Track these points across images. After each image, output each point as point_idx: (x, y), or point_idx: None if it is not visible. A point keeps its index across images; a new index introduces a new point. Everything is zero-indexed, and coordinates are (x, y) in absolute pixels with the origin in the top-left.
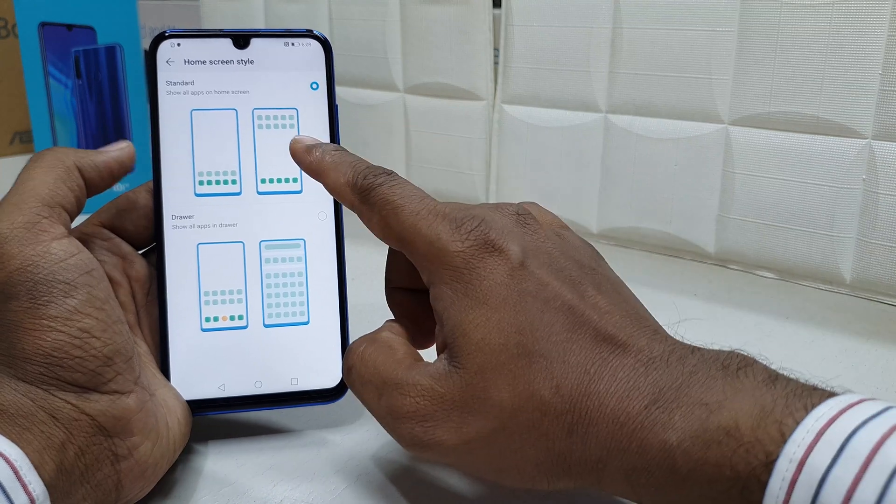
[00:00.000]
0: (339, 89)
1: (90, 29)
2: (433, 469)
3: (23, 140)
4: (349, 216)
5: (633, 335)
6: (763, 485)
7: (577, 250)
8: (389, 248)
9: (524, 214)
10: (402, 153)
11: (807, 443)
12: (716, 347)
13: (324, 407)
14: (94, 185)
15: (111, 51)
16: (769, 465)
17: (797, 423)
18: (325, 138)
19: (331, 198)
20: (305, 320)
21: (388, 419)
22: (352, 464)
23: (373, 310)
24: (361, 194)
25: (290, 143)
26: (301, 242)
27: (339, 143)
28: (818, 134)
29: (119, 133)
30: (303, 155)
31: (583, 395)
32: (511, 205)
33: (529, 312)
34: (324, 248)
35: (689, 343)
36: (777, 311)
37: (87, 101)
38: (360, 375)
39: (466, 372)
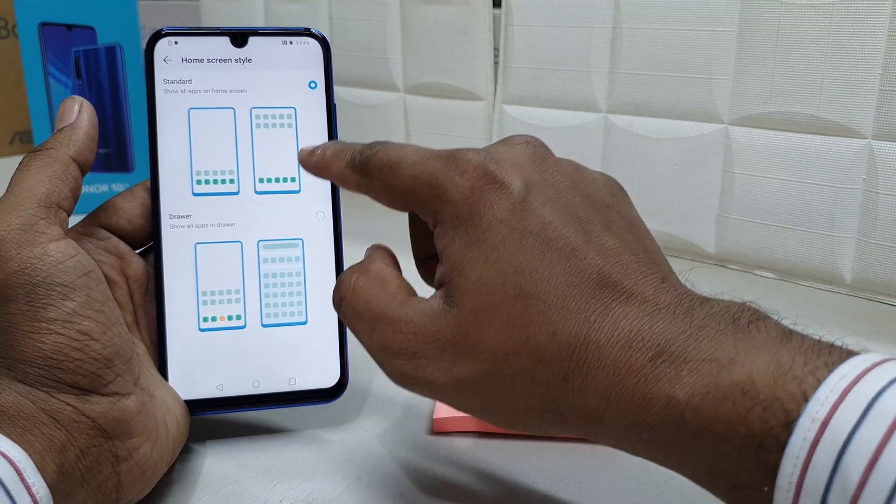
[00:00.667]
0: (339, 89)
1: (90, 29)
2: (433, 469)
3: (23, 140)
4: (348, 216)
5: (639, 282)
6: (782, 445)
7: (592, 183)
8: (409, 222)
9: (535, 144)
10: None
11: (830, 402)
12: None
13: (323, 406)
14: (88, 164)
15: (111, 51)
16: (789, 424)
17: (819, 382)
18: (324, 137)
19: (329, 197)
20: (303, 320)
21: (380, 354)
22: (351, 464)
23: None
24: (361, 169)
25: (298, 155)
26: (299, 242)
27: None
28: (818, 134)
29: (119, 133)
30: (307, 158)
31: (581, 344)
32: (522, 136)
33: (529, 253)
34: (322, 248)
35: (698, 293)
36: (777, 312)
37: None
38: (353, 308)
39: (461, 311)
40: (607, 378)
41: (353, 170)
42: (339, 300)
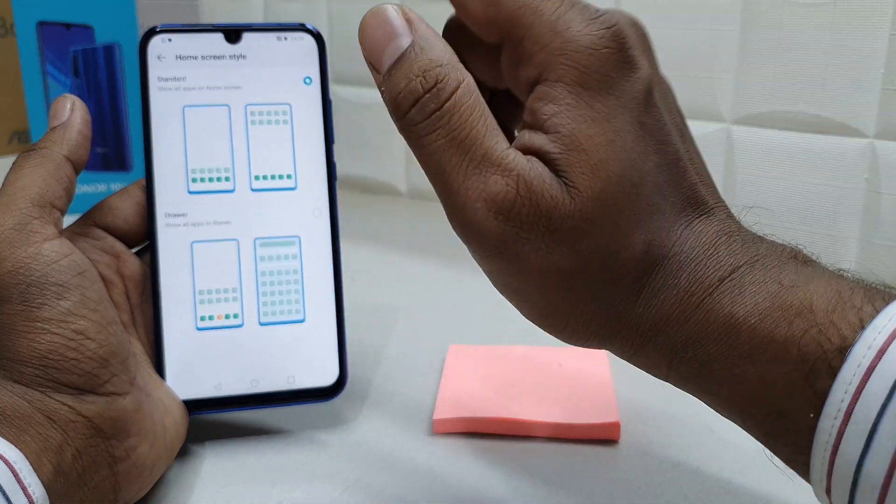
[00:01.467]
0: (339, 88)
1: (88, 28)
2: (433, 469)
3: (21, 139)
4: (345, 213)
5: (718, 204)
6: (834, 371)
7: (673, 93)
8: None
9: (638, 25)
10: (402, 153)
11: (889, 330)
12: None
13: (322, 406)
14: (82, 163)
15: (109, 50)
16: (843, 350)
17: (877, 312)
18: (319, 134)
19: (326, 194)
20: (301, 318)
21: (479, 206)
22: (351, 465)
23: (372, 309)
24: None
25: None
26: (296, 240)
27: (333, 140)
28: (820, 133)
29: (117, 132)
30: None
31: (665, 258)
32: (623, 13)
33: (647, 151)
34: (319, 245)
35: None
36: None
37: (85, 100)
38: (454, 128)
39: (579, 196)
40: (677, 295)
41: None
42: (432, 110)
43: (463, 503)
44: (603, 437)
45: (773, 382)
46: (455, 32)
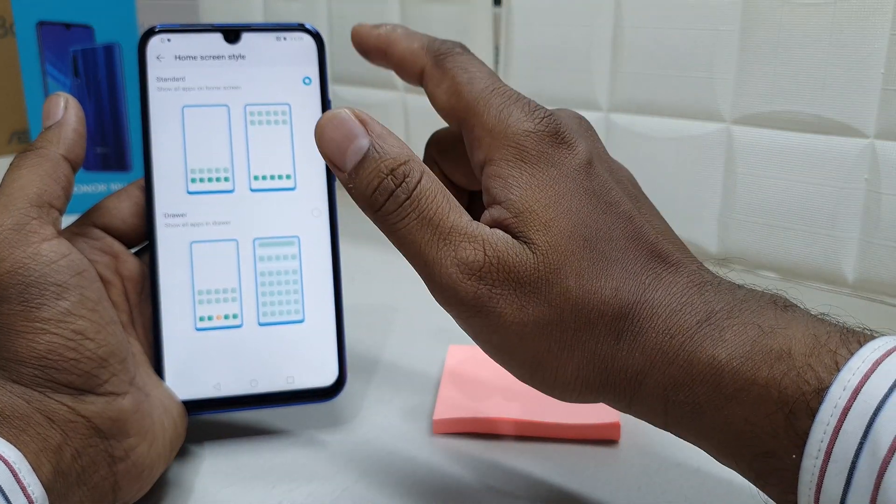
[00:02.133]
0: (339, 88)
1: (88, 28)
2: (433, 469)
3: (21, 139)
4: (344, 212)
5: (684, 259)
6: (812, 412)
7: (627, 172)
8: (433, 146)
9: (586, 120)
10: None
11: (862, 371)
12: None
13: (322, 407)
14: (79, 161)
15: (109, 50)
16: (821, 392)
17: (852, 354)
18: None
19: (325, 194)
20: (300, 318)
21: (454, 272)
22: (351, 465)
23: (372, 309)
24: (437, 57)
25: (352, 30)
26: (295, 240)
27: None
28: (820, 133)
29: (117, 132)
30: (368, 31)
31: (637, 303)
32: (572, 110)
33: (595, 210)
34: (318, 245)
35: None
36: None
37: (85, 100)
38: (422, 212)
39: (538, 249)
40: (657, 337)
41: (427, 53)
42: (401, 200)
43: (463, 503)
44: (603, 437)
45: (759, 424)
46: (438, 144)
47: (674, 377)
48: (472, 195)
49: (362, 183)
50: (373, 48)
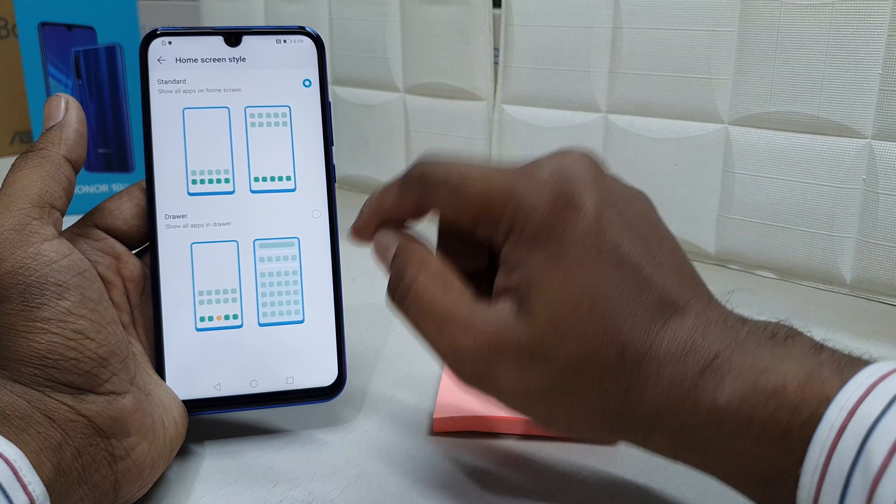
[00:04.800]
0: (339, 89)
1: (90, 29)
2: (433, 469)
3: (23, 140)
4: (344, 214)
5: (692, 300)
6: (807, 439)
7: (638, 199)
8: (442, 236)
9: (592, 158)
10: (402, 153)
11: (858, 394)
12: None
13: (322, 406)
14: (81, 162)
15: (111, 51)
16: (814, 421)
17: (846, 381)
18: (319, 136)
19: (325, 196)
20: (300, 319)
21: (451, 356)
22: (351, 464)
23: (372, 309)
24: (418, 189)
25: (351, 236)
26: (295, 241)
27: (332, 140)
28: (818, 134)
29: (119, 133)
30: (357, 228)
31: (643, 357)
32: (578, 149)
33: (603, 271)
34: (318, 246)
35: (738, 313)
36: (777, 312)
37: (87, 101)
38: (418, 306)
39: (537, 323)
40: (663, 389)
41: (408, 192)
42: (401, 296)
43: (463, 503)
44: None
45: (760, 455)
46: (447, 236)
47: (681, 423)
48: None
49: (389, 277)
50: (371, 227)
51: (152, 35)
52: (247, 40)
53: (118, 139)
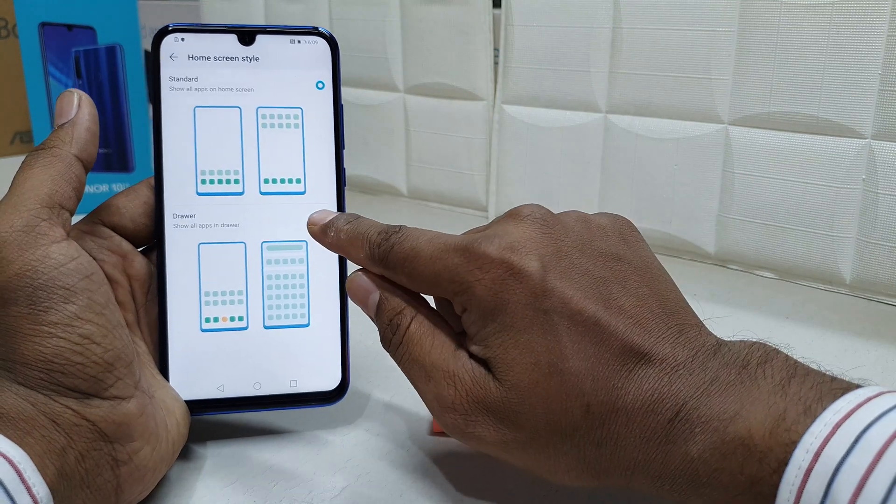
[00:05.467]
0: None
1: (90, 29)
2: (433, 469)
3: (23, 140)
4: None
5: (658, 342)
6: (775, 486)
7: (602, 233)
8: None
9: (540, 213)
10: (402, 153)
11: (823, 435)
12: (738, 338)
13: (324, 408)
14: (92, 161)
15: (111, 51)
16: (782, 466)
17: (813, 419)
18: (330, 139)
19: (334, 199)
20: (306, 322)
21: (434, 405)
22: (352, 464)
23: None
24: (381, 262)
25: (307, 224)
26: (303, 244)
27: (343, 144)
28: (818, 134)
29: (119, 133)
30: (321, 237)
31: (611, 412)
32: (526, 207)
33: (557, 331)
34: (326, 251)
35: (711, 338)
36: (777, 312)
37: None
38: (411, 354)
39: (503, 385)
40: (634, 442)
41: (373, 262)
42: (394, 347)
43: (463, 503)
44: None
45: (733, 501)
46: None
47: (657, 472)
48: None
49: (378, 325)
50: (330, 250)
51: (165, 31)
52: (260, 39)
53: (118, 139)
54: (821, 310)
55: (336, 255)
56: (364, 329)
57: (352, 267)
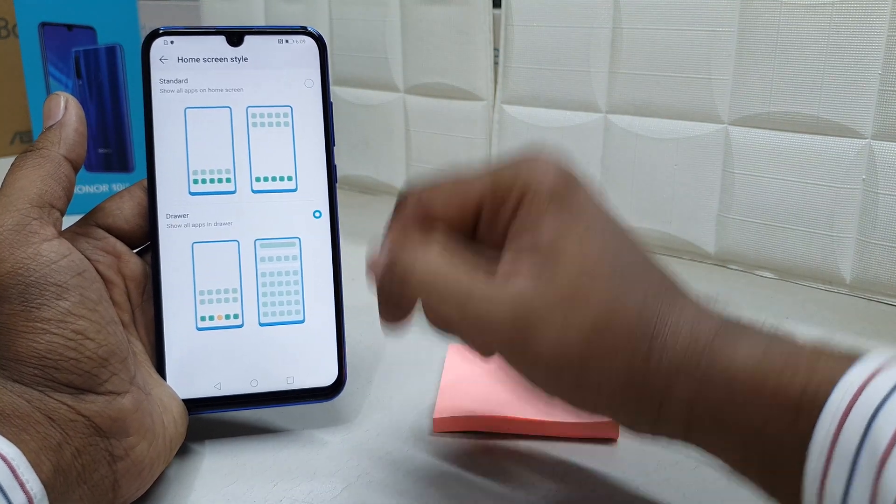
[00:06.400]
0: (339, 89)
1: (90, 29)
2: (433, 469)
3: (23, 140)
4: (345, 214)
5: (689, 293)
6: (819, 408)
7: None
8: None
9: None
10: (402, 153)
11: (864, 376)
12: None
13: (323, 406)
14: (80, 161)
15: (111, 51)
16: (827, 392)
17: (853, 362)
18: (320, 136)
19: (326, 196)
20: (301, 319)
21: (482, 333)
22: (351, 463)
23: (373, 310)
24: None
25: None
26: (296, 241)
27: (333, 140)
28: (818, 134)
29: (119, 133)
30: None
31: (661, 319)
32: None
33: (617, 235)
34: (319, 247)
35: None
36: (777, 311)
37: (87, 101)
38: (432, 290)
39: (567, 274)
40: (682, 350)
41: (410, 209)
42: (407, 283)
43: (463, 502)
44: (602, 435)
45: (769, 423)
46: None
47: (695, 388)
48: None
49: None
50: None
51: (154, 34)
52: (249, 40)
53: (118, 139)
54: (821, 310)
55: (329, 251)
56: (360, 325)
57: (346, 263)
